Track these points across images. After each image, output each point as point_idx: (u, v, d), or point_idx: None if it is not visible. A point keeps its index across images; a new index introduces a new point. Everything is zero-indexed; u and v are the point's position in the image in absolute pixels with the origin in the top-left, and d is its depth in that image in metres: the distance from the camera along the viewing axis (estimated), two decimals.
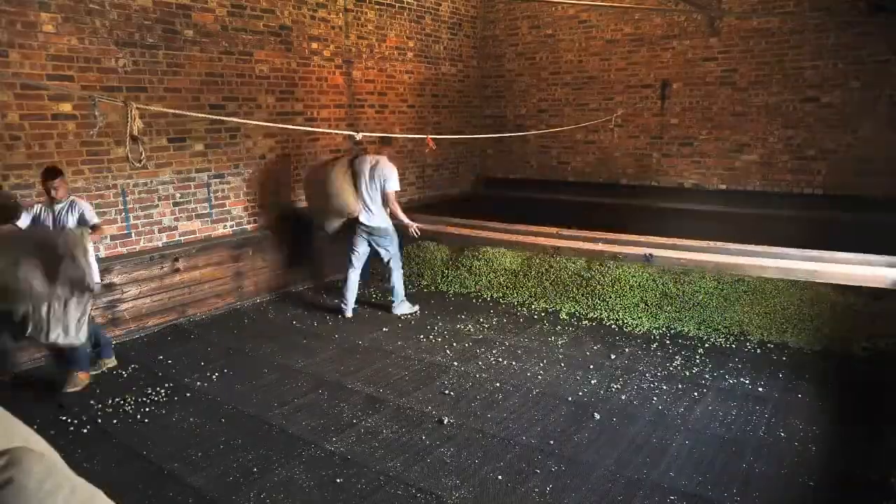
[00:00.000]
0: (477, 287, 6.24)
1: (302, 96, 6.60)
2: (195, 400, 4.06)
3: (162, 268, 5.35)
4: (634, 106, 8.10)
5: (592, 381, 4.16)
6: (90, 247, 3.96)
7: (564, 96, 8.77)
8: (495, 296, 6.06)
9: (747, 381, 4.07)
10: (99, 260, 4.91)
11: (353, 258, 5.64)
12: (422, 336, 5.13)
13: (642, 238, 5.65)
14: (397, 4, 7.80)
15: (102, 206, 5.00)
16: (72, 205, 4.18)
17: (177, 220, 5.60)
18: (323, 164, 5.92)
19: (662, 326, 5.08)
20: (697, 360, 4.43)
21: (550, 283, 5.82)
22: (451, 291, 6.32)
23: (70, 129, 4.72)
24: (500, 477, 3.08)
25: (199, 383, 4.30)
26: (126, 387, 4.25)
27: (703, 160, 7.80)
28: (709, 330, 4.94)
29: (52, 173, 4.09)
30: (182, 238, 5.66)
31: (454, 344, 4.93)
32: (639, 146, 8.26)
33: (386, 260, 5.67)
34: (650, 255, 5.28)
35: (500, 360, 4.58)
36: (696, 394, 3.93)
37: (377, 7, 7.52)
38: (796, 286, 4.80)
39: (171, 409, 3.94)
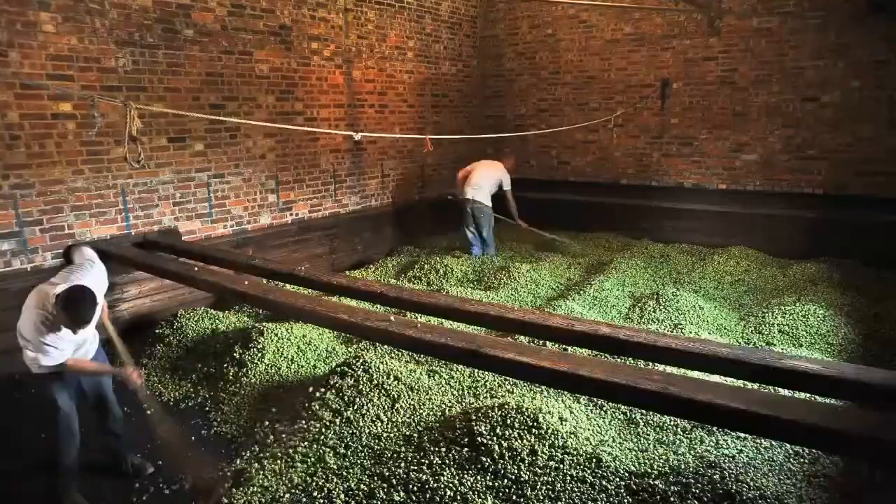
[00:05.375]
0: None
1: (302, 96, 6.59)
2: None
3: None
4: (634, 106, 8.10)
5: None
6: None
7: (564, 96, 8.76)
8: None
9: None
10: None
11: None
12: None
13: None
14: (397, 4, 7.79)
15: (102, 205, 5.00)
16: None
17: (177, 219, 5.60)
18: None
19: None
20: None
21: None
22: None
23: (70, 129, 4.72)
24: None
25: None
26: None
27: (703, 160, 7.80)
28: None
29: None
30: (182, 238, 5.65)
31: None
32: (639, 146, 8.25)
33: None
34: None
35: None
36: None
37: (377, 7, 7.51)
38: None
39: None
